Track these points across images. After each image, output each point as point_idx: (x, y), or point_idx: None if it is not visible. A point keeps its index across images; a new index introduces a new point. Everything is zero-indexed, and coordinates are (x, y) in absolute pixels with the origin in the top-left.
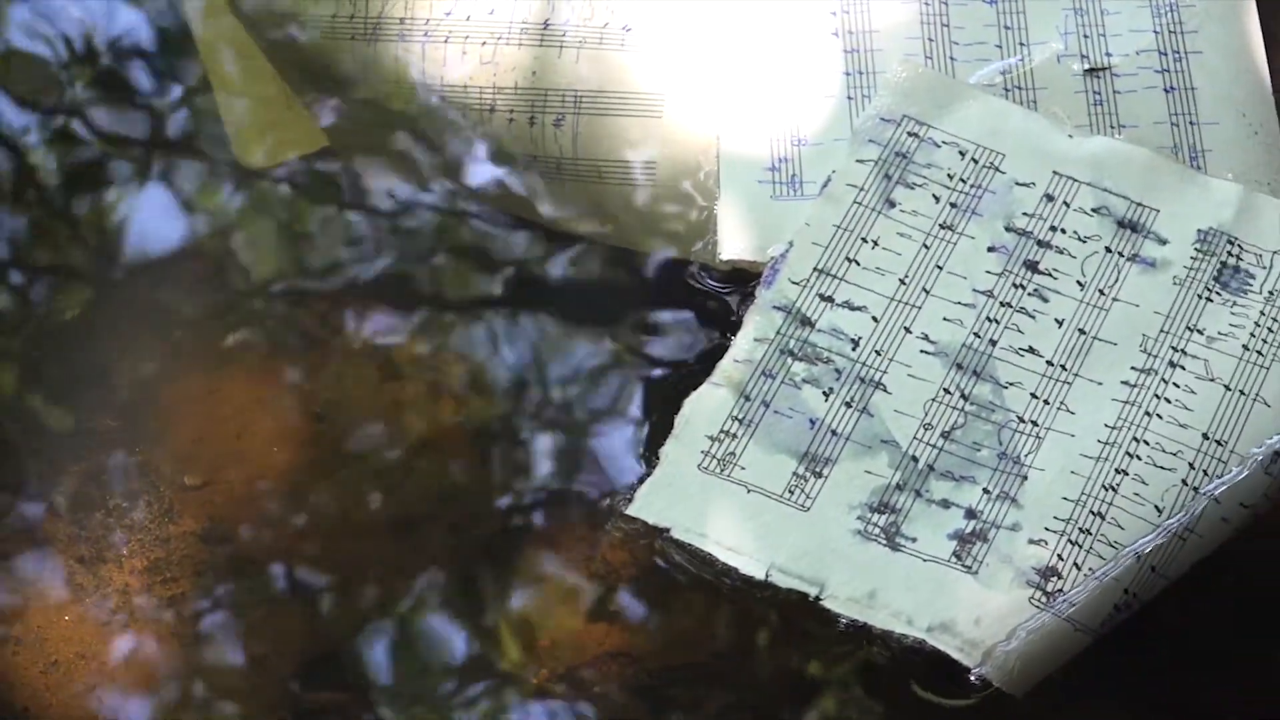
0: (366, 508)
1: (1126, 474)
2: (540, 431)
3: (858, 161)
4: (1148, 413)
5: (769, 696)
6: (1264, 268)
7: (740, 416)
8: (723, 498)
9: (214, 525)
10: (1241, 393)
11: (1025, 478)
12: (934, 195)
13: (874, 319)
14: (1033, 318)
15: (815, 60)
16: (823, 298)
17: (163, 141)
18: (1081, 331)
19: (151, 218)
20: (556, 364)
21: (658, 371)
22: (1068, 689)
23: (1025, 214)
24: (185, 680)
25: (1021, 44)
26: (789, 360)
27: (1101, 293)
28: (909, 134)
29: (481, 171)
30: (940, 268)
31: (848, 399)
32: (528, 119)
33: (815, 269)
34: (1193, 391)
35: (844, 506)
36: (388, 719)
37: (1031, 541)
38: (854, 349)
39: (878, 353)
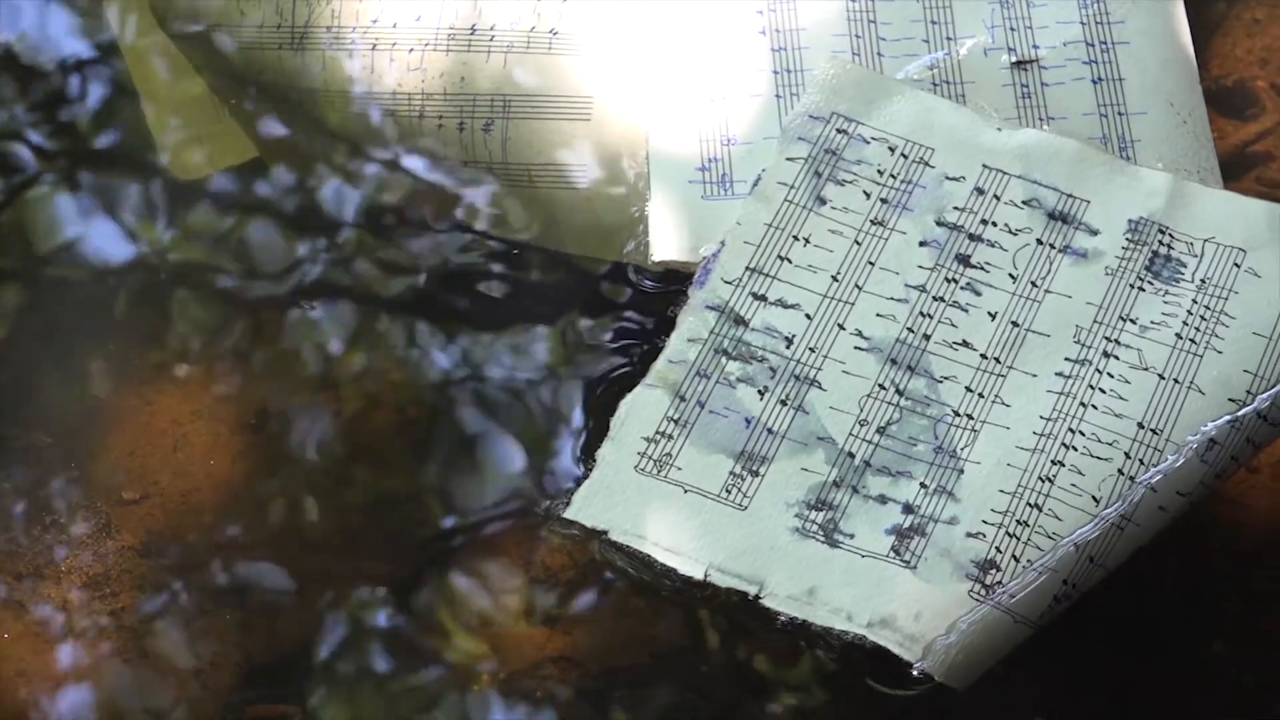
0: (305, 517)
1: (1063, 465)
2: (477, 437)
3: (788, 159)
4: (1083, 403)
5: (714, 696)
6: (1195, 256)
7: (676, 417)
8: (660, 499)
9: (153, 539)
10: (1176, 381)
11: (962, 471)
12: (864, 191)
13: (807, 316)
14: (966, 311)
15: (743, 59)
16: (756, 296)
17: (96, 155)
18: (1015, 324)
19: (84, 231)
20: (492, 369)
21: (593, 374)
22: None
23: (956, 208)
24: (127, 695)
25: (948, 38)
26: (723, 359)
27: (1034, 285)
28: (838, 131)
29: (413, 178)
30: (872, 264)
31: (783, 397)
32: (456, 124)
33: (748, 268)
34: (1127, 381)
35: (781, 505)
36: None
37: (970, 535)
38: (788, 347)
39: (812, 350)
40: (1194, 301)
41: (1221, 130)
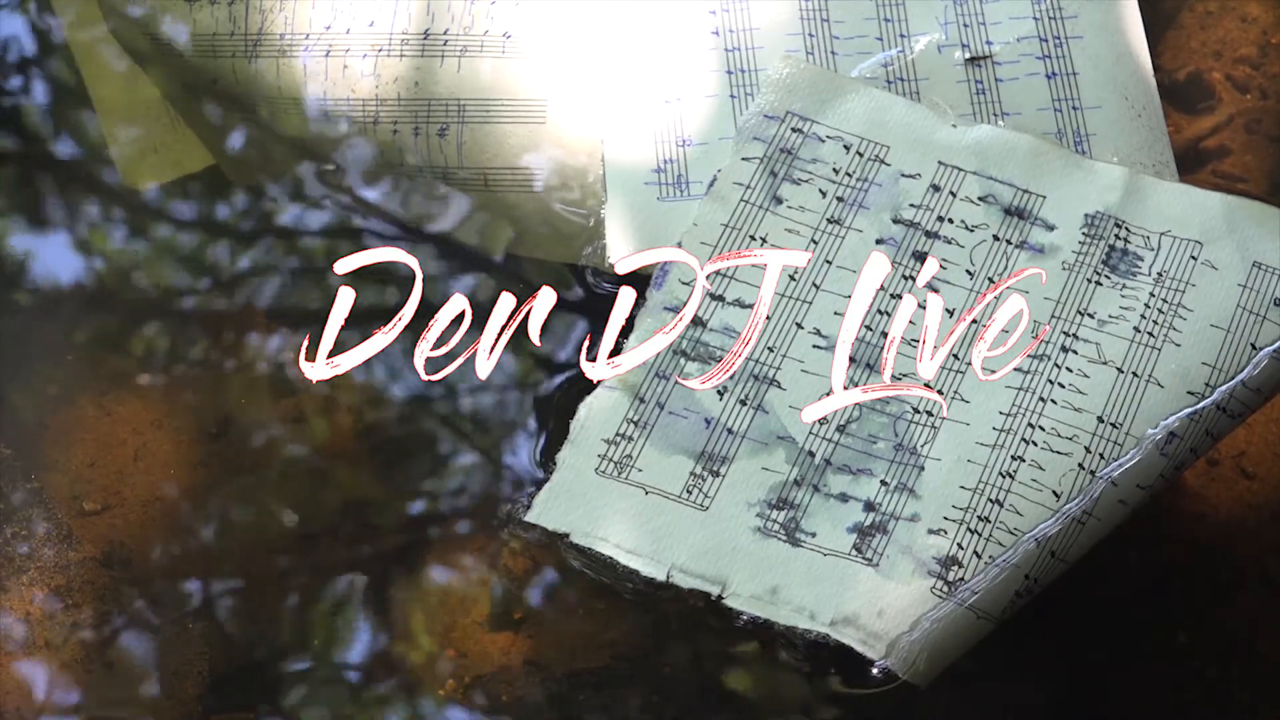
0: (266, 525)
1: (1023, 460)
2: (438, 442)
3: (743, 160)
4: (1042, 398)
5: (678, 697)
6: (1151, 249)
7: (635, 419)
8: (621, 501)
9: (114, 549)
10: (1134, 374)
11: (922, 468)
12: (820, 190)
13: (765, 316)
14: (924, 308)
15: (696, 60)
16: (713, 297)
17: (52, 166)
18: (973, 320)
19: (42, 243)
20: (451, 374)
21: (553, 377)
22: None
23: (912, 205)
24: (91, 706)
25: (902, 35)
26: (682, 360)
27: (991, 281)
28: (793, 130)
29: (369, 185)
30: (830, 262)
31: (742, 397)
32: (412, 130)
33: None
34: (1086, 375)
35: (743, 504)
36: None
37: (931, 531)
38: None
39: (770, 349)
40: (1151, 295)
41: (1176, 124)
